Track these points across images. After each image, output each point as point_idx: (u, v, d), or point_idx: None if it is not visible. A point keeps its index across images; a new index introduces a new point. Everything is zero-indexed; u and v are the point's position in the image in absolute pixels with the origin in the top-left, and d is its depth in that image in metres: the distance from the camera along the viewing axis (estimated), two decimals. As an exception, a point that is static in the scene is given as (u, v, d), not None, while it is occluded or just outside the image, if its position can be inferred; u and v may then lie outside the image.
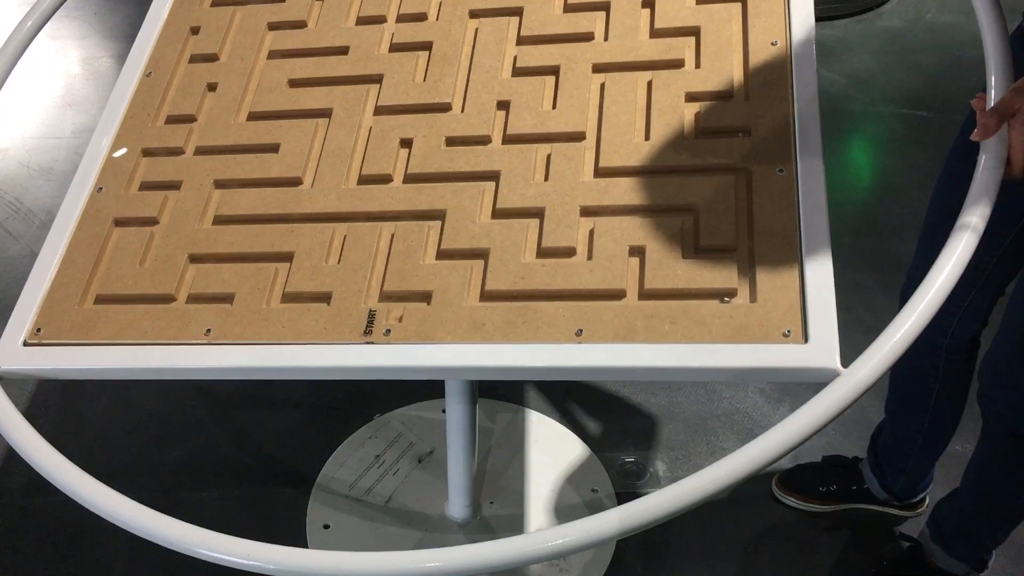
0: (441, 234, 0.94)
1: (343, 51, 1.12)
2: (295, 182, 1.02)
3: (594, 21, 1.07)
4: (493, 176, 0.97)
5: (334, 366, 0.87)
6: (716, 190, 0.90)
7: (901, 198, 2.27)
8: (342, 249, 0.95)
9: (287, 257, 0.96)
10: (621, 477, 1.65)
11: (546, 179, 0.96)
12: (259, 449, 1.75)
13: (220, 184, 1.04)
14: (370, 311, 0.90)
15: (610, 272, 0.87)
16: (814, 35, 0.98)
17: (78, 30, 3.09)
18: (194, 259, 0.99)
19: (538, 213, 0.93)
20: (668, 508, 0.70)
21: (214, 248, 0.99)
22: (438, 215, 0.96)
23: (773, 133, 0.93)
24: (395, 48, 1.11)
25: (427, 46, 1.10)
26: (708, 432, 1.73)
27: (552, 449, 1.68)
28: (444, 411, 1.41)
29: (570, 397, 1.80)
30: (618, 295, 0.86)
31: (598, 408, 1.79)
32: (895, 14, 3.02)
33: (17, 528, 1.61)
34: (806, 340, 0.79)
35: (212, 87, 1.13)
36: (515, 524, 1.55)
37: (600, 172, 0.95)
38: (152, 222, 1.02)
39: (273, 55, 1.15)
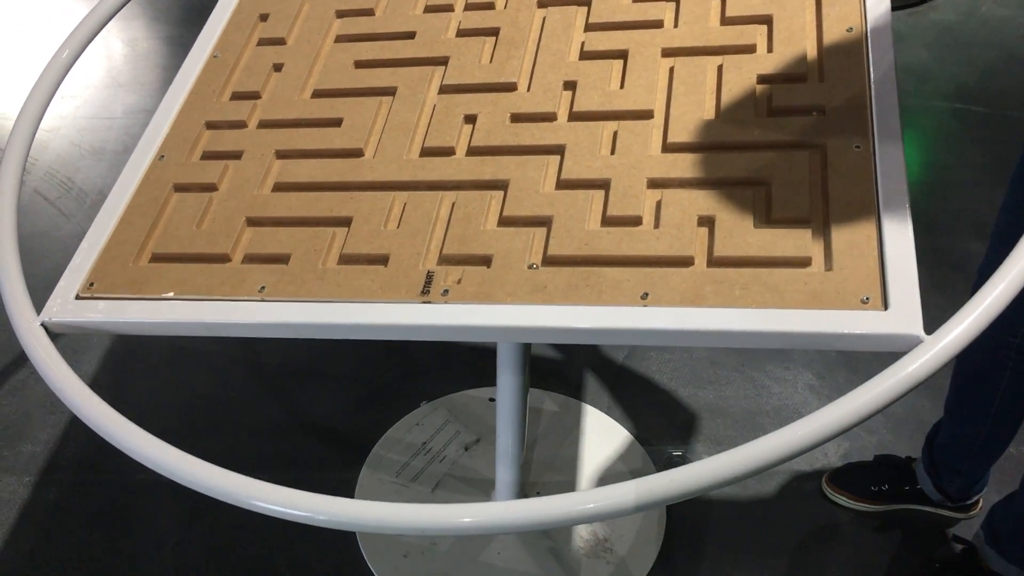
0: (504, 202, 0.92)
1: (410, 36, 1.13)
2: (357, 153, 1.01)
3: (663, 10, 1.07)
4: (558, 150, 0.96)
5: (390, 324, 0.85)
6: (789, 165, 0.88)
7: (954, 194, 2.20)
8: (402, 215, 0.94)
9: (345, 222, 0.95)
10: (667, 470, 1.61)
11: (612, 153, 0.94)
12: (306, 433, 1.72)
13: (281, 155, 1.04)
14: (428, 272, 0.88)
15: (678, 240, 0.84)
16: (890, 20, 0.96)
17: (127, 11, 3.10)
18: (251, 222, 0.98)
19: (604, 184, 0.91)
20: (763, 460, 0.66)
21: (272, 212, 0.97)
22: (501, 185, 0.94)
23: (848, 110, 0.90)
24: (462, 33, 1.11)
25: (494, 32, 1.10)
26: (756, 427, 1.68)
27: (599, 440, 1.65)
28: (491, 399, 1.39)
29: (617, 389, 1.76)
30: (686, 262, 0.83)
31: (645, 401, 1.75)
32: (949, 7, 2.95)
33: (67, 506, 1.60)
34: (886, 307, 0.75)
35: (278, 67, 1.14)
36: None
37: (668, 147, 0.93)
38: (212, 188, 1.02)
39: (340, 39, 1.15)
